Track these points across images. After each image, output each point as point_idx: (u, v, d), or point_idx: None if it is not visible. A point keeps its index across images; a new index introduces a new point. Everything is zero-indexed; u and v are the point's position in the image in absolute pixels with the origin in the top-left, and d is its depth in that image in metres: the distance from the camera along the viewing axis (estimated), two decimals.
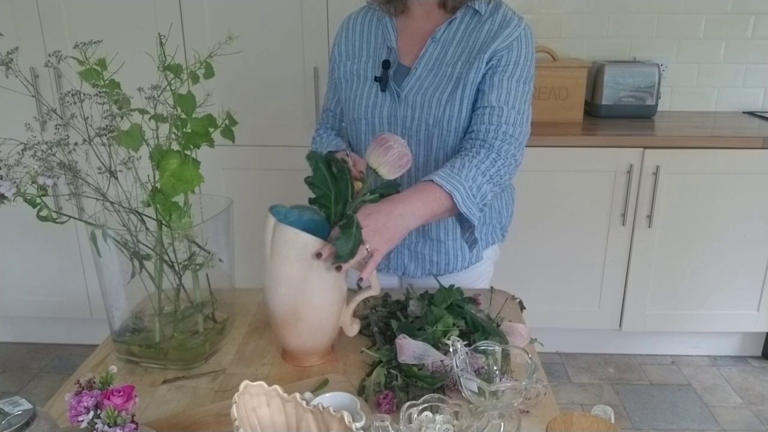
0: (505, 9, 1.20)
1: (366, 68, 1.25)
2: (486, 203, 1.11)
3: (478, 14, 1.19)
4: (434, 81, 1.19)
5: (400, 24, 1.25)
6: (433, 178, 1.05)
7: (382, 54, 1.24)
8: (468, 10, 1.20)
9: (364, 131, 1.25)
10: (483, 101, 1.16)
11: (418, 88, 1.19)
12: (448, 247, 1.30)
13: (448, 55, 1.19)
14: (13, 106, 2.08)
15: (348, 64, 1.27)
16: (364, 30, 1.27)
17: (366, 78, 1.24)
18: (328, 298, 0.98)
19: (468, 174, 1.08)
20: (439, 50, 1.20)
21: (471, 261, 1.33)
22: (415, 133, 1.21)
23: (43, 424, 0.68)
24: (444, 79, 1.18)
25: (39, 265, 2.50)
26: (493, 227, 1.35)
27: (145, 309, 1.05)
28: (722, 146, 2.20)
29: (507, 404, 0.80)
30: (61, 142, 0.91)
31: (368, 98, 1.23)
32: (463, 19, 1.20)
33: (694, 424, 2.16)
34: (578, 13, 2.58)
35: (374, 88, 1.22)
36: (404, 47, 1.23)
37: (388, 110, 1.21)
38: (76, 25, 2.19)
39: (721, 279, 2.36)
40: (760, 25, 2.56)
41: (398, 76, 1.22)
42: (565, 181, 2.26)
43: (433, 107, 1.18)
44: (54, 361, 2.57)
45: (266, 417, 0.75)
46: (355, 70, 1.26)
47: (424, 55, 1.20)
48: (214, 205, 1.04)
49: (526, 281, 2.37)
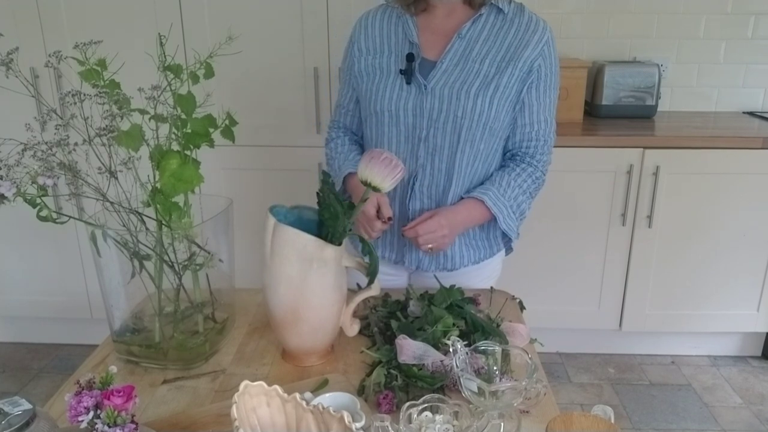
0: (528, 11, 1.26)
1: (389, 62, 1.26)
2: (524, 216, 1.31)
3: (502, 13, 1.23)
4: (461, 75, 1.21)
5: (421, 21, 1.27)
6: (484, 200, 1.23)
7: (405, 49, 1.25)
8: (492, 8, 1.23)
9: (387, 123, 1.26)
10: (531, 117, 1.25)
11: (445, 81, 1.21)
12: (461, 242, 1.32)
13: (474, 52, 1.22)
14: (13, 106, 2.08)
15: (369, 59, 1.29)
16: (384, 26, 1.29)
17: (389, 71, 1.25)
18: (328, 298, 0.98)
19: (512, 194, 1.26)
20: (465, 46, 1.22)
21: (481, 257, 1.35)
22: (442, 125, 1.22)
23: (43, 424, 0.68)
24: (471, 74, 1.21)
25: (39, 265, 2.50)
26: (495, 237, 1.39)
27: (145, 309, 1.05)
28: (722, 146, 2.20)
29: (507, 404, 0.80)
30: (61, 142, 0.91)
31: (392, 91, 1.24)
32: (488, 17, 1.23)
33: (694, 424, 2.16)
34: (578, 13, 2.58)
35: (398, 80, 1.24)
36: (427, 43, 1.25)
37: (413, 102, 1.23)
38: (76, 25, 2.19)
39: (721, 279, 2.36)
40: (760, 25, 2.56)
41: (423, 69, 1.23)
42: (565, 181, 2.25)
43: (462, 99, 1.20)
44: (54, 361, 2.57)
45: (266, 417, 0.75)
46: (377, 64, 1.27)
47: (450, 50, 1.22)
48: (214, 205, 1.04)
49: (526, 281, 2.36)
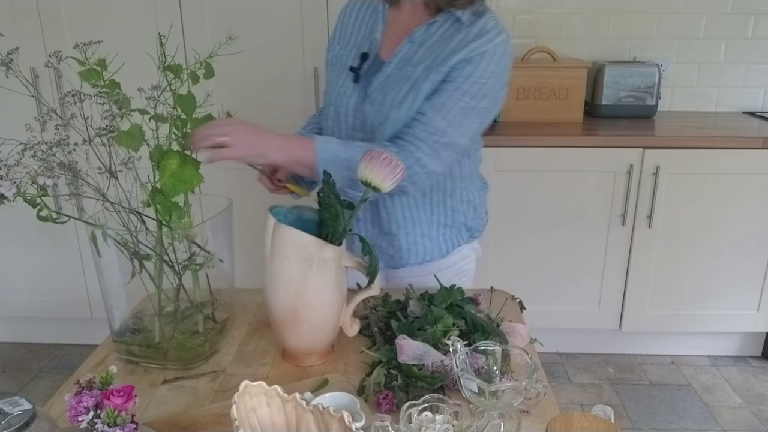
0: (486, 19, 1.14)
1: (349, 56, 1.25)
2: None
3: (459, 22, 1.15)
4: (397, 81, 1.17)
5: (391, 16, 1.24)
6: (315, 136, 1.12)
7: (366, 45, 1.24)
8: (450, 16, 1.16)
9: (332, 118, 1.25)
10: (420, 108, 1.14)
11: (383, 86, 1.18)
12: (400, 241, 1.31)
13: (415, 57, 1.17)
14: (13, 106, 2.09)
15: (337, 48, 1.28)
16: (359, 17, 1.28)
17: (345, 66, 1.24)
18: (328, 298, 0.98)
19: (354, 148, 1.10)
20: (413, 51, 1.18)
21: (427, 257, 1.32)
22: (373, 129, 1.20)
23: (43, 424, 0.68)
24: (404, 80, 1.16)
25: (39, 265, 2.50)
26: (457, 230, 1.34)
27: (145, 309, 1.05)
28: (722, 146, 2.20)
29: (507, 404, 0.80)
30: (61, 142, 0.91)
31: (342, 86, 1.23)
32: (444, 24, 1.16)
33: (694, 424, 2.16)
34: (578, 13, 2.58)
35: (349, 78, 1.23)
36: (387, 41, 1.23)
37: (355, 103, 1.21)
38: (76, 25, 2.19)
39: (721, 279, 2.36)
40: (760, 25, 2.56)
41: (373, 69, 1.21)
42: (565, 181, 2.25)
43: (386, 107, 1.16)
44: (54, 361, 2.57)
45: (266, 417, 0.75)
46: (340, 56, 1.26)
47: (398, 54, 1.19)
48: (214, 205, 1.04)
49: (526, 281, 2.37)
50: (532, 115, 2.44)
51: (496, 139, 2.25)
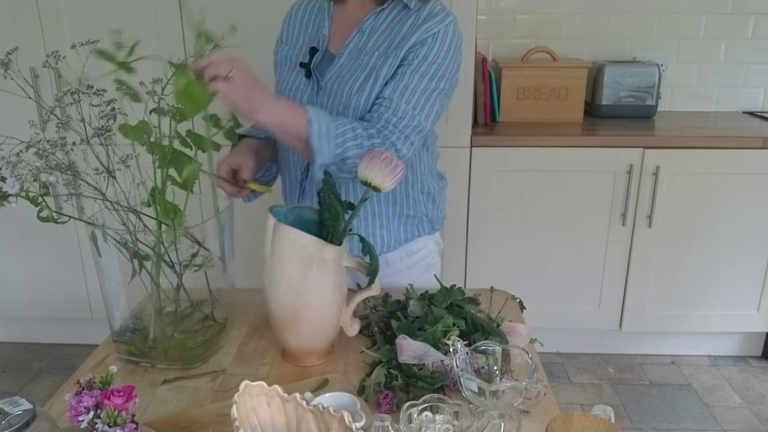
0: (432, 4, 1.18)
1: (298, 54, 1.26)
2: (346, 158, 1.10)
3: (407, 8, 1.18)
4: (351, 70, 1.18)
5: (337, 12, 1.25)
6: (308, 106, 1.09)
7: (315, 41, 1.24)
8: (398, 3, 1.19)
9: None
10: (382, 93, 1.15)
11: (337, 76, 1.19)
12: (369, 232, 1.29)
13: (368, 45, 1.18)
14: (13, 106, 2.08)
15: (285, 49, 1.29)
16: (305, 17, 1.29)
17: (295, 64, 1.25)
18: (328, 298, 0.98)
19: (341, 124, 1.09)
20: (364, 40, 1.19)
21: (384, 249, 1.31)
22: None
23: (43, 424, 0.68)
24: (359, 68, 1.17)
25: (39, 265, 2.50)
26: (419, 220, 1.34)
27: (145, 309, 1.05)
28: (722, 146, 2.20)
29: (507, 404, 0.80)
30: (59, 142, 0.91)
31: (292, 84, 1.24)
32: (392, 11, 1.19)
33: (694, 424, 2.16)
34: (578, 13, 2.58)
35: (300, 74, 1.23)
36: (335, 36, 1.24)
37: (308, 98, 1.22)
38: (76, 25, 2.19)
39: (721, 279, 2.36)
40: (760, 25, 2.56)
41: (324, 64, 1.22)
42: (565, 181, 2.25)
43: (346, 95, 1.17)
44: (54, 361, 2.57)
45: (266, 417, 0.75)
46: (289, 56, 1.27)
47: (349, 45, 1.20)
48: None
49: (526, 281, 2.37)
50: (532, 115, 2.44)
51: (496, 139, 2.25)
